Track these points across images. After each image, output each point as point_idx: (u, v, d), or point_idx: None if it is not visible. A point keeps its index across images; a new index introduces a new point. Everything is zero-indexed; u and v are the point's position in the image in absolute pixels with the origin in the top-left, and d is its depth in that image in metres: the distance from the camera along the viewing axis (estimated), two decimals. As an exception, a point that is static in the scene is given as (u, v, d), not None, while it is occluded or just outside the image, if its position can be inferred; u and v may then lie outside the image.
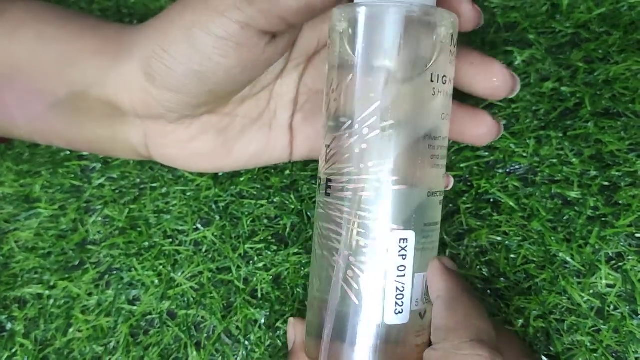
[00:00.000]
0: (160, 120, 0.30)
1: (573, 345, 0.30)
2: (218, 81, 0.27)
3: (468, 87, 0.29)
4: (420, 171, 0.25)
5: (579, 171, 0.33)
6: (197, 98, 0.28)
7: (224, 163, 0.32)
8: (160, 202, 0.37)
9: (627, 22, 0.36)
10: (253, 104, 0.31)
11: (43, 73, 0.30)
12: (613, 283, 0.31)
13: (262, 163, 0.33)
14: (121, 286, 0.35)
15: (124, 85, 0.29)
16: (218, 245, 0.35)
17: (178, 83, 0.27)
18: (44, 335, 0.35)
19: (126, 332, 0.34)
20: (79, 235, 0.37)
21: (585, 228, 0.32)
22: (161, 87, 0.28)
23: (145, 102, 0.29)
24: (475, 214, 0.34)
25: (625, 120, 0.34)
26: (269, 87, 0.31)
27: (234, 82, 0.28)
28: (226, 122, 0.31)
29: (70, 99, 0.30)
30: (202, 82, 0.27)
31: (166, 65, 0.27)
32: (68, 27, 0.31)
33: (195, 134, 0.31)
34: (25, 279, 0.37)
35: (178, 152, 0.32)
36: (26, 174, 0.40)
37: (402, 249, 0.25)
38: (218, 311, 0.34)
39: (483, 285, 0.32)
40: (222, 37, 0.26)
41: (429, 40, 0.25)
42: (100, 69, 0.29)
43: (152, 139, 0.31)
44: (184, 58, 0.27)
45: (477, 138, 0.30)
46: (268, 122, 0.32)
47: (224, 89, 0.28)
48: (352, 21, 0.25)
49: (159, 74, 0.27)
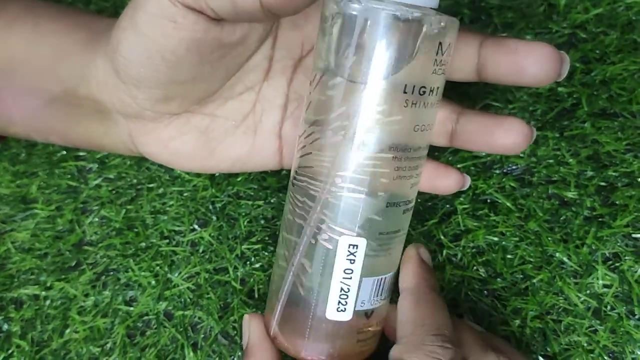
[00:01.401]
0: (140, 119, 0.29)
1: (570, 346, 0.30)
2: (171, 67, 0.26)
3: (517, 75, 0.26)
4: (379, 181, 0.25)
5: (575, 171, 0.33)
6: (162, 90, 0.27)
7: (206, 164, 0.31)
8: (157, 202, 0.37)
9: (624, 23, 0.36)
10: (236, 105, 0.30)
11: (39, 68, 0.30)
12: (610, 283, 0.31)
13: (248, 168, 0.32)
14: (118, 287, 0.35)
15: (102, 82, 0.29)
16: (215, 245, 0.35)
17: (137, 74, 0.26)
18: (41, 336, 0.35)
19: (123, 333, 0.34)
20: (75, 236, 0.37)
21: (582, 228, 0.32)
22: (126, 81, 0.27)
23: (121, 100, 0.28)
24: (472, 214, 0.33)
25: (622, 120, 0.34)
26: (254, 89, 0.30)
27: (189, 68, 0.26)
28: (207, 122, 0.30)
29: (64, 95, 0.30)
30: (157, 70, 0.26)
31: (123, 57, 0.26)
32: (64, 20, 0.30)
33: (175, 133, 0.30)
34: (22, 280, 0.37)
35: (160, 151, 0.31)
36: (23, 175, 0.40)
37: (350, 254, 0.25)
38: (215, 312, 0.34)
39: (480, 285, 0.32)
40: (156, 14, 0.24)
41: (404, 49, 0.23)
42: (83, 65, 0.29)
43: (135, 137, 0.31)
44: (132, 45, 0.26)
45: (509, 147, 0.28)
46: (252, 126, 0.31)
47: (183, 79, 0.27)
48: (331, 17, 0.24)
49: (120, 67, 0.27)
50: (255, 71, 0.30)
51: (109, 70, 0.28)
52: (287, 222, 0.27)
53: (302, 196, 0.26)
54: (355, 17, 0.23)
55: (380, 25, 0.23)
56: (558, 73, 0.26)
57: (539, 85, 0.26)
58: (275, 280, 0.28)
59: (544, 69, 0.25)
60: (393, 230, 0.26)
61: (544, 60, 0.25)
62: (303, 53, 0.30)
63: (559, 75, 0.26)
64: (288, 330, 0.27)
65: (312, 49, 0.30)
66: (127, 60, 0.26)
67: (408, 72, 0.23)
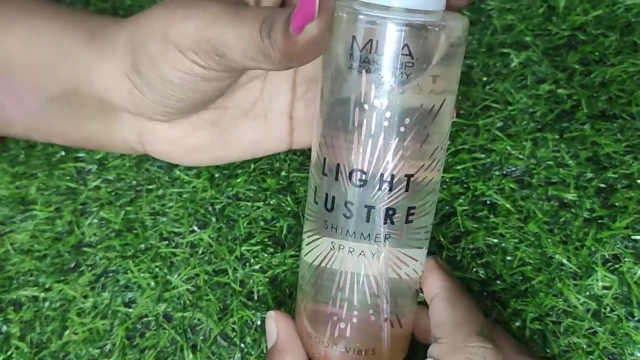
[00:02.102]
0: (152, 119, 0.30)
1: (569, 348, 0.30)
2: (196, 100, 0.28)
3: None
4: None
5: (575, 173, 0.33)
6: (177, 105, 0.28)
7: (222, 154, 0.32)
8: (156, 204, 0.37)
9: (623, 24, 0.36)
10: (244, 94, 0.31)
11: (38, 69, 0.30)
12: (609, 285, 0.31)
13: (260, 153, 0.33)
14: (117, 288, 0.35)
15: (110, 83, 0.29)
16: (214, 247, 0.35)
17: (155, 94, 0.28)
18: (40, 337, 0.35)
19: (122, 335, 0.34)
20: (74, 238, 0.37)
21: (581, 230, 0.32)
22: (145, 96, 0.28)
23: (133, 102, 0.29)
24: (472, 216, 0.33)
25: (622, 122, 0.34)
26: (259, 77, 0.31)
27: (209, 92, 0.28)
28: (217, 114, 0.31)
29: (64, 95, 0.30)
30: (180, 101, 0.28)
31: (144, 84, 0.27)
32: (62, 20, 0.31)
33: (189, 130, 0.31)
34: (21, 282, 0.36)
35: (173, 149, 0.31)
36: (22, 176, 0.40)
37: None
38: (214, 313, 0.34)
39: (479, 287, 0.32)
40: (188, 74, 0.26)
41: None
42: (86, 65, 0.29)
43: (145, 136, 0.31)
44: (157, 85, 0.27)
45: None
46: (262, 111, 0.32)
47: (201, 99, 0.28)
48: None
49: (140, 87, 0.28)
50: None
51: (121, 77, 0.28)
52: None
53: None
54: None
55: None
56: None
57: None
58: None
59: None
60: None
61: None
62: None
63: None
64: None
65: None
66: (150, 89, 0.27)
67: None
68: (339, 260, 0.26)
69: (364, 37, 0.23)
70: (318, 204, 0.26)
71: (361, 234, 0.25)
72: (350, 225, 0.25)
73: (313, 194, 0.26)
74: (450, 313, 0.26)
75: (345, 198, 0.25)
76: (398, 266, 0.26)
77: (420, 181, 0.25)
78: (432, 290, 0.27)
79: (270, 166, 0.37)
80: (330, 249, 0.26)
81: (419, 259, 0.27)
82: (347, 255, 0.26)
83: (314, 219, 0.27)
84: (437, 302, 0.26)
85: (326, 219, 0.26)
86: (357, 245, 0.25)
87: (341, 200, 0.25)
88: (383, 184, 0.24)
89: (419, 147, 0.24)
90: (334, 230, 0.25)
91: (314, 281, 0.27)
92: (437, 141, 0.25)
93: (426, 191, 0.25)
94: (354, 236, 0.25)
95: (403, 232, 0.25)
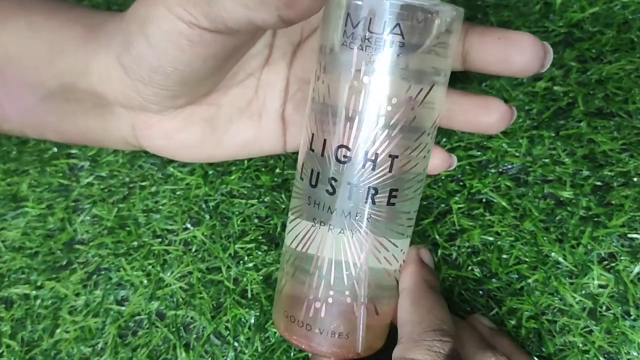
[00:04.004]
0: (144, 112, 0.30)
1: (565, 346, 0.30)
2: (184, 74, 0.27)
3: (501, 64, 0.26)
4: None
5: (571, 171, 0.33)
6: (171, 90, 0.28)
7: (214, 153, 0.32)
8: (149, 201, 0.37)
9: (620, 21, 0.36)
10: (239, 92, 0.31)
11: (34, 64, 0.30)
12: (605, 283, 0.30)
13: (254, 153, 0.33)
14: (109, 286, 0.35)
15: (104, 76, 0.29)
16: (208, 245, 0.35)
17: (147, 76, 0.27)
18: (31, 336, 0.35)
19: (114, 333, 0.34)
20: (66, 235, 0.37)
21: (577, 228, 0.32)
22: (134, 79, 0.27)
23: (125, 94, 0.29)
24: (468, 214, 0.33)
25: (618, 120, 0.34)
26: (255, 75, 0.31)
27: (201, 74, 0.27)
28: (212, 111, 0.31)
29: (61, 90, 0.30)
30: (168, 76, 0.27)
31: (133, 60, 0.27)
32: (58, 16, 0.30)
33: (182, 125, 0.30)
34: (12, 279, 0.36)
35: (166, 143, 0.31)
36: (13, 173, 0.39)
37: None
38: (207, 311, 0.33)
39: (475, 285, 0.32)
40: (171, 32, 0.25)
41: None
42: (83, 59, 0.29)
43: (139, 130, 0.31)
44: (144, 52, 0.26)
45: (489, 126, 0.28)
46: (257, 111, 0.31)
47: (194, 81, 0.28)
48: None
49: (129, 67, 0.27)
50: (257, 58, 0.30)
51: (113, 65, 0.28)
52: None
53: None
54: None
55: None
56: (542, 64, 0.26)
57: (522, 75, 0.26)
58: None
59: (528, 59, 0.26)
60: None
61: (528, 50, 0.25)
62: (302, 38, 0.30)
63: (542, 66, 0.26)
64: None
65: (310, 33, 0.30)
66: (138, 64, 0.27)
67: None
68: (319, 237, 0.26)
69: (358, 14, 0.23)
70: (303, 180, 0.26)
71: (342, 211, 0.25)
72: (332, 202, 0.25)
73: (300, 170, 0.26)
74: (411, 311, 0.26)
75: (329, 174, 0.25)
76: (378, 249, 0.26)
77: (404, 164, 0.25)
78: (402, 286, 0.27)
79: (265, 163, 0.37)
80: (311, 226, 0.26)
81: (401, 247, 0.27)
82: (327, 233, 0.25)
83: (299, 196, 0.26)
84: (401, 299, 0.27)
85: (309, 195, 0.26)
86: (338, 222, 0.25)
87: (325, 176, 0.25)
88: (367, 162, 0.24)
89: (405, 128, 0.24)
90: (316, 207, 0.25)
91: (294, 259, 0.27)
92: (423, 126, 0.25)
93: (411, 174, 0.25)
94: (335, 213, 0.25)
95: (384, 215, 0.25)
